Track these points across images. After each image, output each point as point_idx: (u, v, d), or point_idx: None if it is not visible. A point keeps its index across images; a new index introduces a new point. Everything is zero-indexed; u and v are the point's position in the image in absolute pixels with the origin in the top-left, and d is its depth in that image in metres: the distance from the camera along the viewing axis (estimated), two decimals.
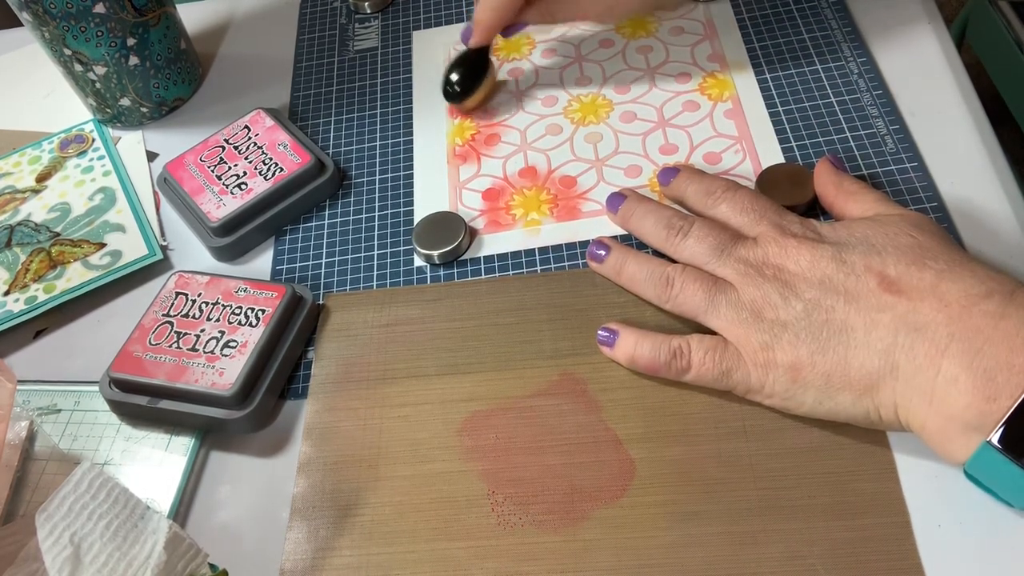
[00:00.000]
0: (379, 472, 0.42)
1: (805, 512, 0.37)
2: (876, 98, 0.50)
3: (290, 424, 0.44)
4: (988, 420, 0.33)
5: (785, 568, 0.36)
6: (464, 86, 0.54)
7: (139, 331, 0.46)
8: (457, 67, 0.54)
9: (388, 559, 0.39)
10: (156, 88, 0.59)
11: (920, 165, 0.47)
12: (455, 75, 0.54)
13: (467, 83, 0.54)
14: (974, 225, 0.44)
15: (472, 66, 0.54)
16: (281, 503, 0.42)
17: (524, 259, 0.48)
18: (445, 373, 0.44)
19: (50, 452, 0.45)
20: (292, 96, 0.60)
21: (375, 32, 0.62)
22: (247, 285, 0.47)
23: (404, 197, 0.52)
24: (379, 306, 0.47)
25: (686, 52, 0.56)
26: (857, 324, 0.36)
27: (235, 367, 0.43)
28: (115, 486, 0.36)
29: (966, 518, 0.36)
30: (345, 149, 0.56)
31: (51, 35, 0.54)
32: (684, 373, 0.40)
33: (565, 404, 0.42)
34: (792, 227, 0.41)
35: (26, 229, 0.55)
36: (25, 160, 0.59)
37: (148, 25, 0.56)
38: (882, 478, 0.37)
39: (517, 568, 0.38)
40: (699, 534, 0.37)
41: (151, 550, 0.35)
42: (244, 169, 0.52)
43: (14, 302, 0.51)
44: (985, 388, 0.33)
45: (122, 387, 0.45)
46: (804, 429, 0.39)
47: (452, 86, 0.54)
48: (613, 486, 0.39)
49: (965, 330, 0.34)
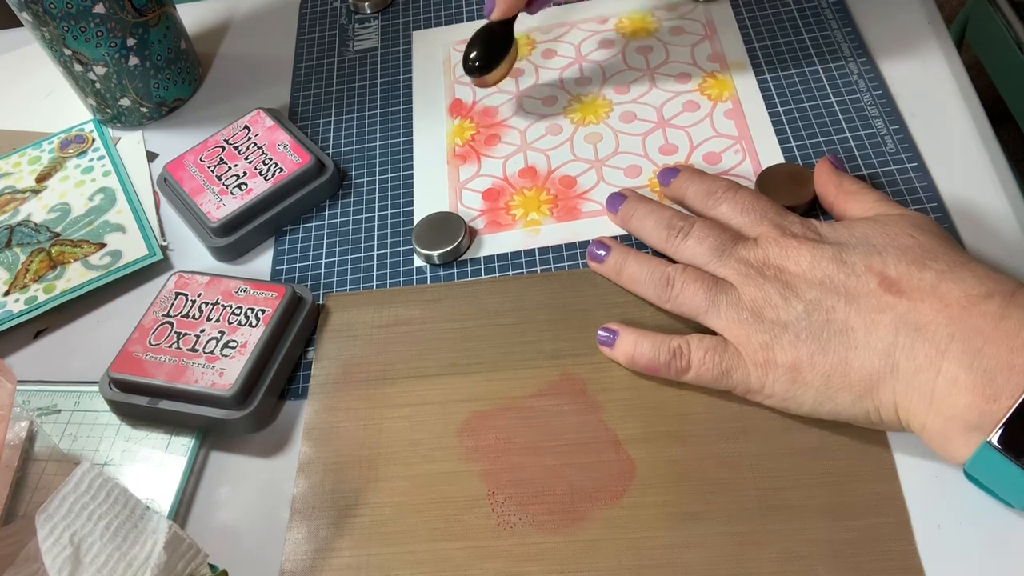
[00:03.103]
0: (379, 472, 0.42)
1: (805, 512, 0.37)
2: (876, 98, 0.50)
3: (290, 424, 0.44)
4: (988, 420, 0.33)
5: (785, 568, 0.36)
6: (486, 60, 0.51)
7: (139, 331, 0.46)
8: (479, 40, 0.52)
9: (388, 559, 0.39)
10: (156, 88, 0.59)
11: (920, 165, 0.47)
12: (476, 49, 0.52)
13: (489, 56, 0.51)
14: (974, 225, 0.44)
15: (494, 39, 0.52)
16: (281, 503, 0.42)
17: (524, 259, 0.48)
18: (445, 373, 0.44)
19: (50, 452, 0.45)
20: (292, 96, 0.60)
21: (375, 32, 0.62)
22: (247, 285, 0.47)
23: (404, 197, 0.52)
24: (379, 306, 0.47)
25: (686, 52, 0.56)
26: (857, 324, 0.36)
27: (235, 367, 0.43)
28: (115, 486, 0.36)
29: (966, 518, 0.36)
30: (345, 149, 0.56)
31: (51, 35, 0.54)
32: (684, 373, 0.40)
33: (565, 404, 0.42)
34: (793, 228, 0.41)
35: (26, 229, 0.55)
36: (25, 160, 0.59)
37: (148, 25, 0.56)
38: (882, 478, 0.37)
39: (517, 568, 0.38)
40: (699, 534, 0.37)
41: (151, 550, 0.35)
42: (244, 169, 0.52)
43: (14, 302, 0.51)
44: (985, 388, 0.33)
45: (122, 387, 0.45)
46: (804, 429, 0.39)
47: (472, 60, 0.52)
48: (613, 486, 0.39)
49: (965, 330, 0.34)
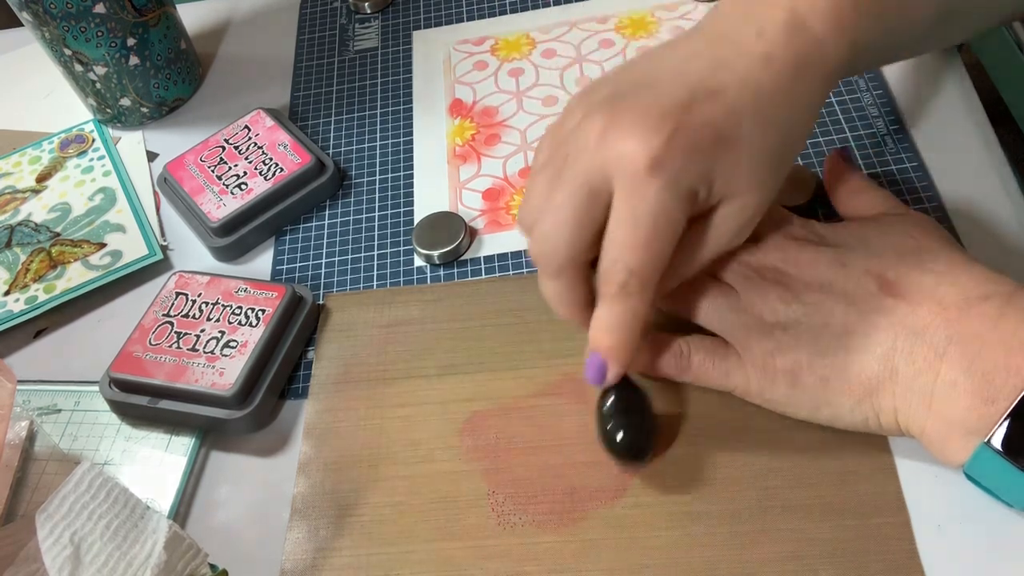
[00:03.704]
0: (379, 472, 0.42)
1: (805, 512, 0.37)
2: (876, 98, 0.50)
3: (290, 424, 0.44)
4: (987, 422, 0.33)
5: (785, 568, 0.36)
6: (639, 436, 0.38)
7: (139, 331, 0.46)
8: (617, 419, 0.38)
9: (388, 559, 0.39)
10: (156, 88, 0.59)
11: (920, 165, 0.47)
12: (623, 433, 0.37)
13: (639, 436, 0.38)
14: (974, 225, 0.44)
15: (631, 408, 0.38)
16: (281, 503, 0.42)
17: (524, 259, 0.48)
18: (445, 373, 0.44)
19: (50, 452, 0.45)
20: (292, 96, 0.60)
21: (375, 32, 0.62)
22: (247, 285, 0.47)
23: (404, 197, 0.52)
24: (379, 306, 0.47)
25: None
26: (856, 328, 0.36)
27: (235, 367, 0.43)
28: (115, 486, 0.36)
29: (966, 518, 0.36)
30: (345, 149, 0.56)
31: (51, 35, 0.54)
32: (684, 374, 0.40)
33: (565, 404, 0.42)
34: (793, 230, 0.41)
35: (26, 229, 0.55)
36: (25, 160, 0.59)
37: (148, 25, 0.56)
38: (882, 478, 0.37)
39: (517, 568, 0.38)
40: (699, 534, 0.37)
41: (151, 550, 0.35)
42: (244, 169, 0.52)
43: (14, 302, 0.51)
44: (983, 390, 0.33)
45: (122, 387, 0.45)
46: (804, 429, 0.39)
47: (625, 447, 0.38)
48: (613, 486, 0.39)
49: (963, 333, 0.34)
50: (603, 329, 0.36)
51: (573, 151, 0.36)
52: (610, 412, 0.38)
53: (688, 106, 0.34)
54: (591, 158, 0.35)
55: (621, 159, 0.34)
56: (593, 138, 0.35)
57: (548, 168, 0.37)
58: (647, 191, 0.34)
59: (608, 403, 0.38)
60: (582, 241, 0.36)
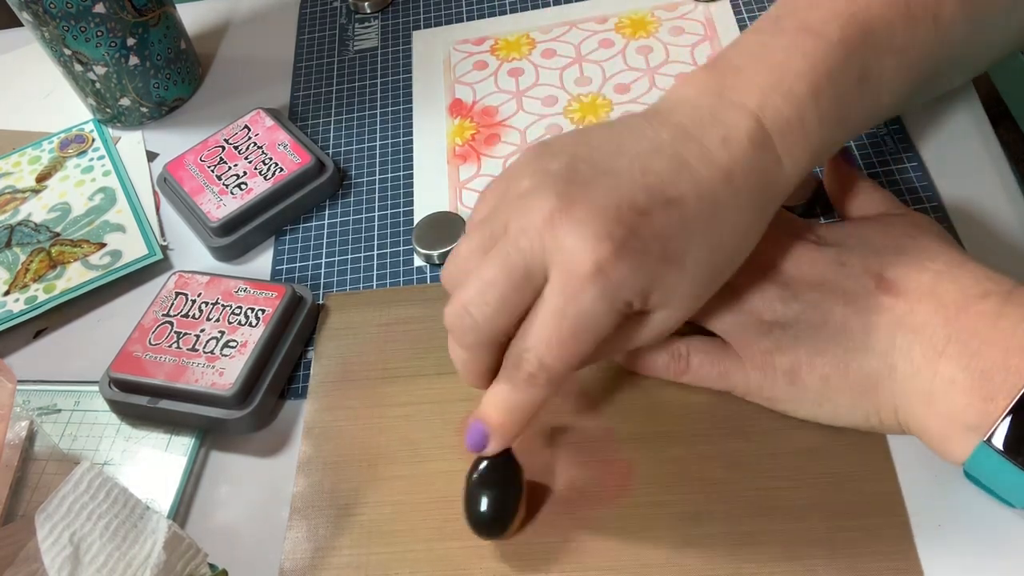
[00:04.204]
0: (379, 471, 0.42)
1: (805, 512, 0.37)
2: None
3: (290, 424, 0.44)
4: (986, 420, 0.33)
5: (785, 568, 0.36)
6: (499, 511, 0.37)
7: (139, 331, 0.46)
8: (482, 490, 0.37)
9: (388, 559, 0.39)
10: (156, 88, 0.59)
11: (920, 165, 0.47)
12: (484, 506, 0.37)
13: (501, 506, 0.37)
14: (974, 225, 0.44)
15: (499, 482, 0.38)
16: (281, 503, 0.42)
17: None
18: (445, 372, 0.44)
19: (50, 452, 0.45)
20: (292, 96, 0.60)
21: (375, 32, 0.62)
22: (247, 285, 0.47)
23: (404, 197, 0.52)
24: (379, 306, 0.47)
25: (686, 52, 0.56)
26: (855, 326, 0.36)
27: (235, 367, 0.43)
28: (115, 486, 0.36)
29: (966, 518, 0.36)
30: (345, 149, 0.56)
31: (51, 35, 0.54)
32: (683, 374, 0.40)
33: (564, 404, 0.42)
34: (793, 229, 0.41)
35: (26, 229, 0.55)
36: (25, 160, 0.59)
37: (148, 25, 0.56)
38: (882, 478, 0.37)
39: (517, 568, 0.38)
40: (699, 534, 0.37)
41: (151, 550, 0.35)
42: (244, 169, 0.52)
43: (14, 302, 0.51)
44: (982, 388, 0.33)
45: (122, 387, 0.45)
46: (804, 429, 0.39)
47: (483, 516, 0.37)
48: (613, 486, 0.39)
49: (962, 331, 0.34)
50: (497, 407, 0.35)
51: (516, 224, 0.34)
52: (478, 481, 0.37)
53: (644, 211, 0.33)
54: (533, 241, 0.33)
55: (564, 254, 0.32)
56: (540, 219, 0.33)
57: (485, 228, 0.35)
58: (583, 295, 0.32)
59: (479, 471, 0.37)
60: (505, 324, 0.34)
